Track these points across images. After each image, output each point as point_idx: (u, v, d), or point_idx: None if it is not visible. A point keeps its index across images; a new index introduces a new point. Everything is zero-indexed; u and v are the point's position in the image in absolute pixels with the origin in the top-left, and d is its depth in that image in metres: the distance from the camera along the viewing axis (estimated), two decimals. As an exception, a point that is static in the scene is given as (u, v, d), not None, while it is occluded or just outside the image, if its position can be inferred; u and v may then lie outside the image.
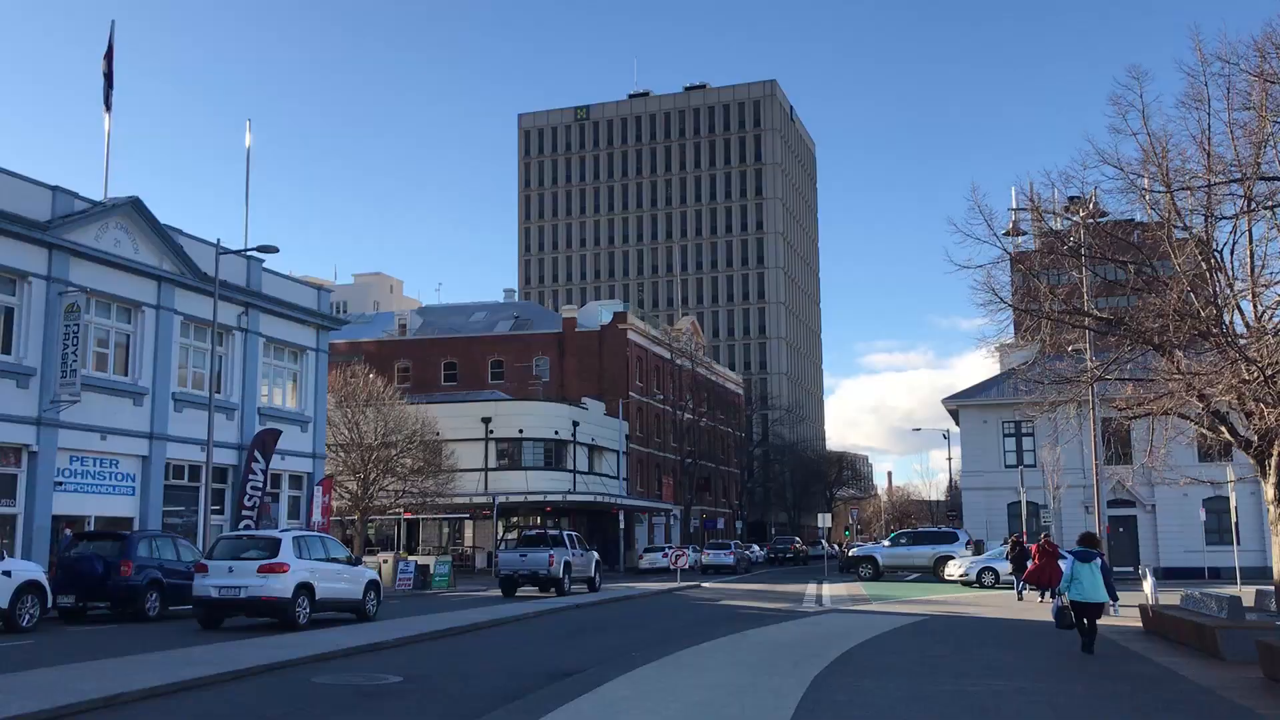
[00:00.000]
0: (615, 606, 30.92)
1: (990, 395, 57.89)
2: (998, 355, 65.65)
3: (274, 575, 21.69)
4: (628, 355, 75.83)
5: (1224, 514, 53.48)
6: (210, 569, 22.24)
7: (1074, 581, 17.23)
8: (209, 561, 22.65)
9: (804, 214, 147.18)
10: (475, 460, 61.24)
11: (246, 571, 21.80)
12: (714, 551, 63.43)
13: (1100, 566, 17.27)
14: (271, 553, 22.16)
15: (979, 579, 41.95)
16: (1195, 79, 18.44)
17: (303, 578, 22.18)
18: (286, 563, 21.99)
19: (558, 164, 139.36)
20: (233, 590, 21.70)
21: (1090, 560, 17.30)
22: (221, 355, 36.61)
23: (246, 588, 21.60)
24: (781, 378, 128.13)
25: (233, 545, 23.26)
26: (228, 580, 21.83)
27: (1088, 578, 17.07)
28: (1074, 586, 17.26)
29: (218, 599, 21.86)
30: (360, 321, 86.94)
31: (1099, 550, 18.02)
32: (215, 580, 21.91)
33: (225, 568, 22.13)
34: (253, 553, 22.41)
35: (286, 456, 38.97)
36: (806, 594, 37.02)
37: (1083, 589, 17.12)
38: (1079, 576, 17.10)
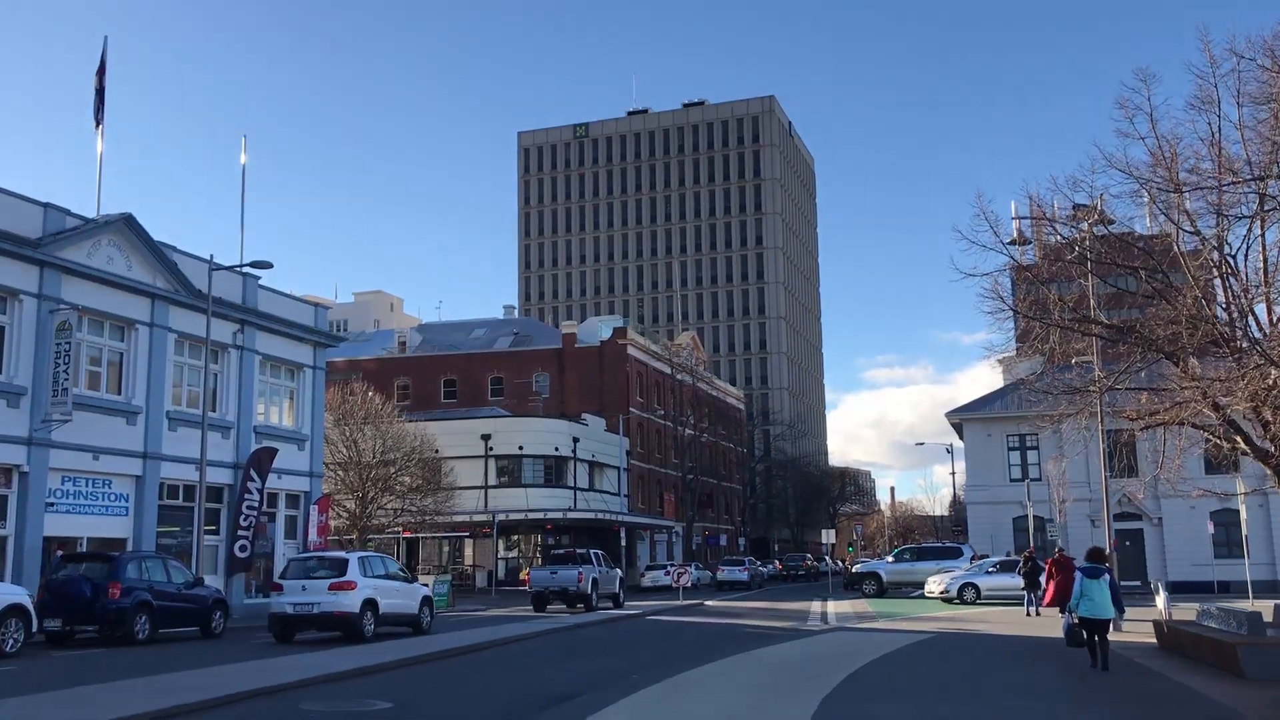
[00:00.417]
0: (616, 626, 30.36)
1: (994, 408, 57.36)
2: (1001, 368, 65.50)
3: (343, 592, 23.85)
4: (628, 371, 75.34)
5: (1232, 527, 52.87)
6: (285, 588, 24.48)
7: (1083, 598, 17.10)
8: (283, 581, 24.89)
9: (803, 229, 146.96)
10: (475, 478, 60.66)
11: (318, 590, 23.92)
12: (728, 568, 65.82)
13: (1108, 582, 17.16)
14: (340, 572, 24.33)
15: (960, 595, 40.74)
16: (1205, 81, 18.05)
17: (368, 594, 24.29)
18: (354, 580, 24.17)
19: (557, 181, 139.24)
20: (306, 606, 23.80)
21: (1099, 576, 17.21)
22: (217, 373, 36.08)
23: (319, 604, 23.74)
24: (783, 393, 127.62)
25: (304, 566, 25.50)
26: (301, 598, 23.96)
27: (1097, 594, 16.96)
28: (1083, 603, 17.10)
29: (292, 615, 23.91)
30: (360, 339, 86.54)
31: (1107, 565, 17.92)
32: (290, 598, 24.07)
33: (299, 586, 24.32)
34: (322, 572, 24.63)
35: (283, 475, 38.41)
36: (811, 612, 36.42)
37: (1093, 605, 16.99)
38: (1088, 593, 16.99)
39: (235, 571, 35.77)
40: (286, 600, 24.22)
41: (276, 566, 38.71)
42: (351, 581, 24.08)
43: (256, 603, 37.28)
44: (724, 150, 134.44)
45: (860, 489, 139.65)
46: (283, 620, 24.15)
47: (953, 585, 41.48)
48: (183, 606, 24.79)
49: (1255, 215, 17.16)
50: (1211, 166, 17.75)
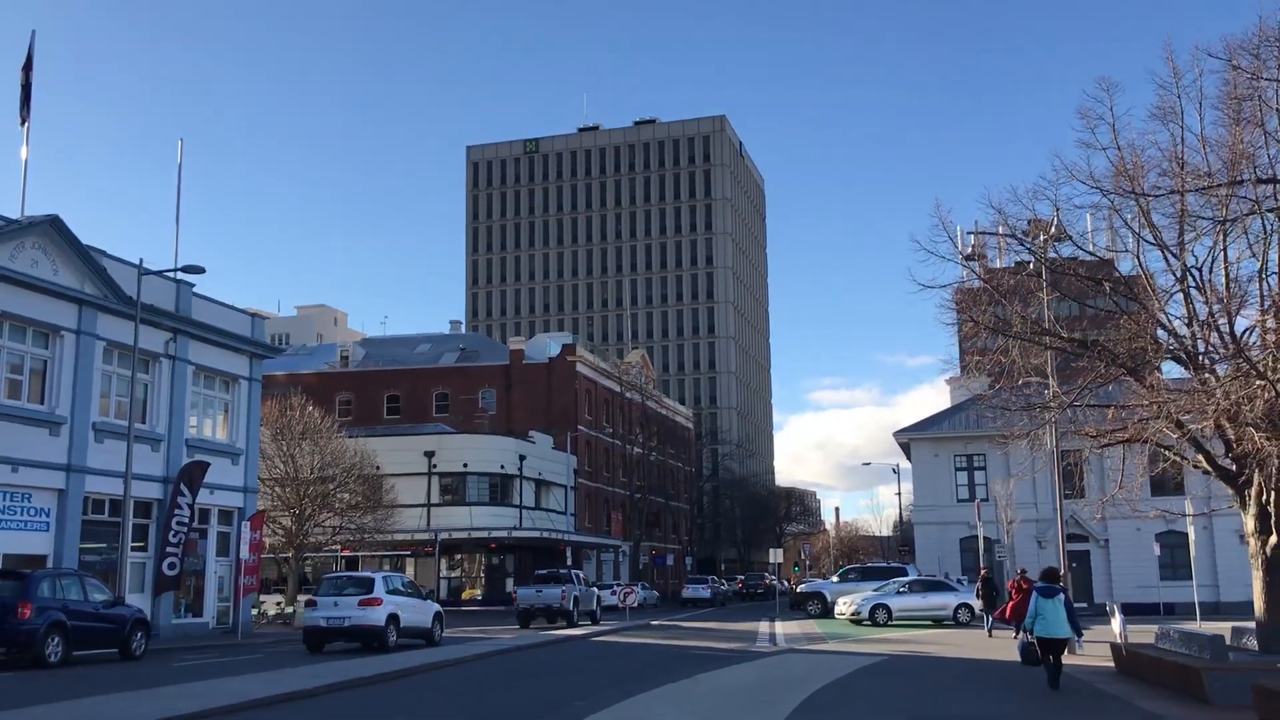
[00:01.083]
0: (560, 648, 29.37)
1: (942, 428, 57.20)
2: (949, 388, 65.58)
3: (371, 608, 26.55)
4: (576, 388, 74.40)
5: (1178, 549, 52.98)
6: (319, 604, 27.19)
7: (1038, 618, 17.12)
8: (317, 598, 27.64)
9: (753, 250, 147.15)
10: (418, 495, 59.29)
11: (349, 605, 26.58)
12: (693, 585, 70.54)
13: (1063, 601, 17.14)
14: (368, 589, 27.16)
15: (871, 616, 39.43)
16: (1167, 91, 17.69)
17: (391, 610, 27.00)
18: (380, 597, 26.87)
19: (507, 196, 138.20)
20: (338, 620, 26.48)
21: (1054, 595, 17.20)
22: (147, 383, 34.73)
23: (350, 618, 26.43)
24: (731, 412, 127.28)
25: (335, 584, 28.31)
26: (334, 612, 26.63)
27: (1051, 613, 17.03)
28: (1039, 623, 17.14)
29: (325, 627, 26.53)
30: (301, 353, 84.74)
31: (1061, 585, 18.03)
32: (323, 613, 26.77)
33: (331, 602, 26.95)
34: (351, 589, 27.35)
35: (216, 490, 37.03)
36: (760, 633, 35.65)
37: (1047, 624, 17.07)
38: (1043, 612, 17.08)
39: (163, 590, 34.32)
40: (320, 615, 26.73)
41: (208, 585, 37.42)
42: (378, 598, 26.79)
43: (186, 623, 35.87)
44: (675, 169, 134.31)
45: (806, 509, 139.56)
46: (317, 632, 26.67)
47: (864, 606, 40.23)
48: (100, 627, 23.43)
49: (1218, 228, 16.77)
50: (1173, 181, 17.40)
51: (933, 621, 39.71)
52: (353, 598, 26.80)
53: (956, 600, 40.70)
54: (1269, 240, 16.24)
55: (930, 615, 40.25)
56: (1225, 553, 52.50)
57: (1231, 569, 52.38)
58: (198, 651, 27.65)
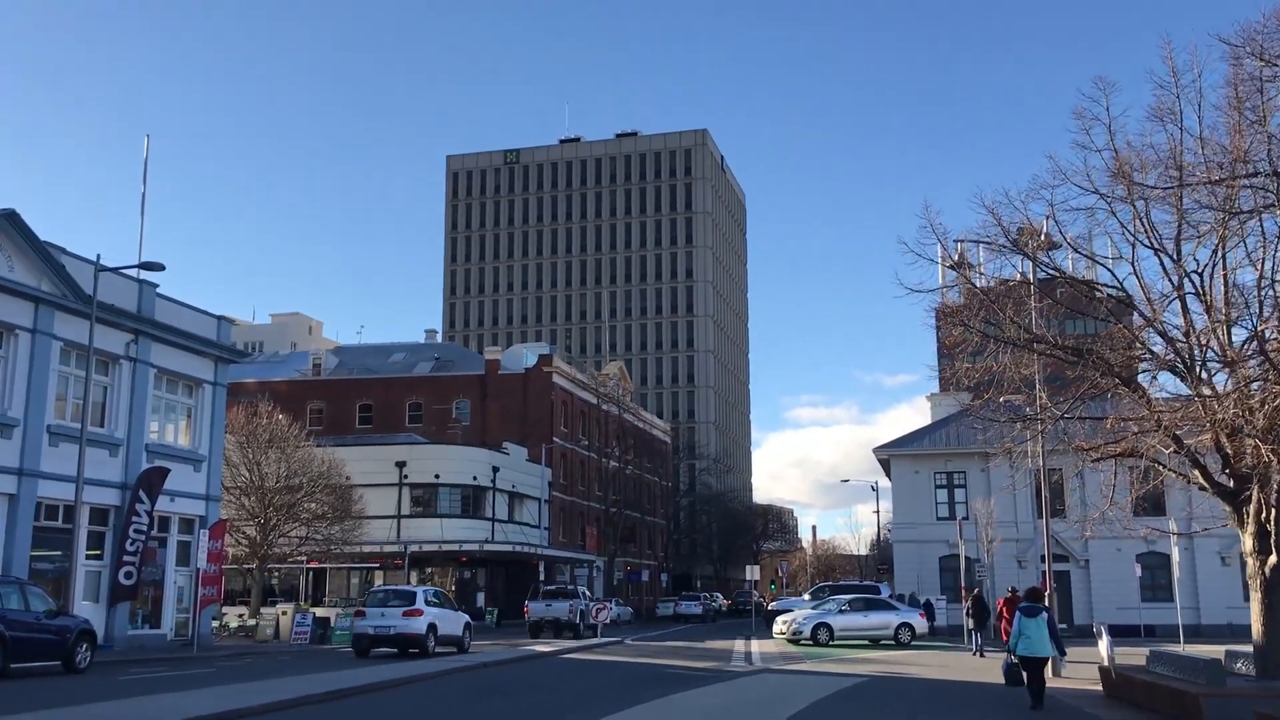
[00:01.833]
0: (529, 665, 28.33)
1: (923, 445, 56.48)
2: (929, 406, 64.90)
3: (414, 618, 29.56)
4: (552, 400, 73.37)
5: (1158, 570, 52.36)
6: (367, 614, 30.27)
7: (1021, 636, 17.06)
8: (365, 609, 30.76)
9: (734, 264, 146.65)
10: (388, 507, 58.07)
11: (394, 615, 29.60)
12: (686, 602, 73.74)
13: (1046, 621, 17.09)
14: (411, 601, 30.20)
15: (813, 636, 38.02)
16: (1166, 90, 16.99)
17: (431, 620, 30.08)
18: (422, 609, 29.93)
19: (486, 207, 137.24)
20: (384, 629, 29.57)
21: (1036, 615, 17.14)
22: (106, 386, 33.58)
23: (395, 627, 29.54)
24: (709, 427, 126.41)
25: (381, 596, 31.47)
26: (381, 622, 29.71)
27: (1034, 632, 16.99)
28: (1021, 642, 17.09)
29: (373, 634, 29.58)
30: (273, 360, 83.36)
31: (1044, 605, 17.88)
32: (371, 622, 29.85)
33: (379, 613, 29.98)
34: (395, 602, 30.31)
35: (177, 498, 35.83)
36: (735, 651, 34.69)
37: (1030, 643, 17.02)
38: (1026, 631, 17.03)
39: (120, 600, 33.12)
40: (368, 624, 29.84)
41: (166, 595, 36.17)
42: (420, 609, 29.84)
43: (144, 634, 34.64)
44: (656, 182, 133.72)
45: (784, 526, 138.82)
46: (365, 639, 29.72)
47: (805, 625, 38.85)
48: (41, 638, 22.23)
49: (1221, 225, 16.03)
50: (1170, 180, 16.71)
51: (869, 641, 38.49)
52: (397, 609, 29.82)
53: (898, 619, 39.62)
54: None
55: (871, 634, 39.07)
56: (1207, 575, 51.96)
57: (1213, 591, 51.84)
58: (147, 664, 26.47)
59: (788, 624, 39.33)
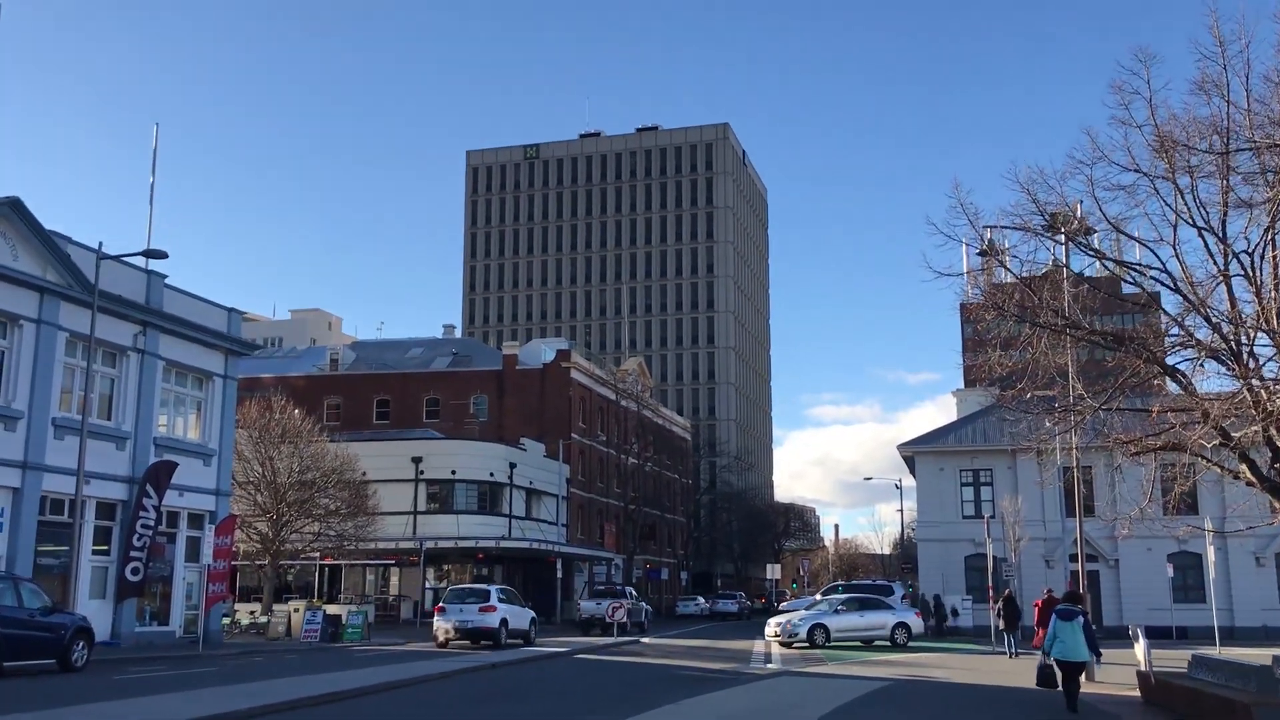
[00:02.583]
0: (541, 666, 27.51)
1: (948, 441, 55.32)
2: (954, 402, 63.71)
3: (488, 613, 33.76)
4: (570, 395, 72.53)
5: (1190, 570, 51.08)
6: (447, 610, 34.32)
7: (1056, 640, 16.87)
8: (445, 605, 34.81)
9: (755, 259, 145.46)
10: (404, 503, 57.38)
11: (471, 611, 33.77)
12: (722, 600, 76.50)
13: (1082, 624, 16.88)
14: (485, 599, 34.35)
15: (810, 638, 35.82)
16: (1211, 62, 15.95)
17: (504, 615, 34.27)
18: (495, 605, 34.06)
19: (506, 202, 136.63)
20: (464, 623, 33.68)
21: (1072, 618, 16.92)
22: (114, 378, 32.98)
23: (471, 621, 33.56)
24: (730, 424, 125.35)
25: (459, 594, 35.55)
26: (460, 616, 33.81)
27: (1069, 635, 16.77)
28: (1056, 645, 16.88)
29: (453, 627, 33.62)
30: (290, 355, 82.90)
31: (1082, 607, 17.64)
32: (451, 617, 33.93)
33: (458, 609, 34.06)
34: (472, 599, 34.47)
35: (186, 493, 35.21)
36: (754, 652, 33.75)
37: (1065, 647, 16.81)
38: (1061, 634, 16.83)
39: (126, 596, 32.53)
40: (448, 619, 33.98)
41: (175, 592, 35.54)
42: (494, 606, 34.02)
43: (151, 631, 34.03)
44: (676, 176, 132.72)
45: (805, 525, 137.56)
46: (445, 632, 33.90)
47: (800, 626, 36.50)
48: (36, 635, 21.51)
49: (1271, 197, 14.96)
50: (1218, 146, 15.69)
51: (862, 643, 36.67)
52: (474, 605, 33.85)
53: (894, 619, 37.83)
54: None
55: (866, 635, 37.27)
56: (1241, 575, 50.61)
57: (1247, 592, 50.48)
58: (148, 663, 25.75)
59: (781, 627, 36.75)
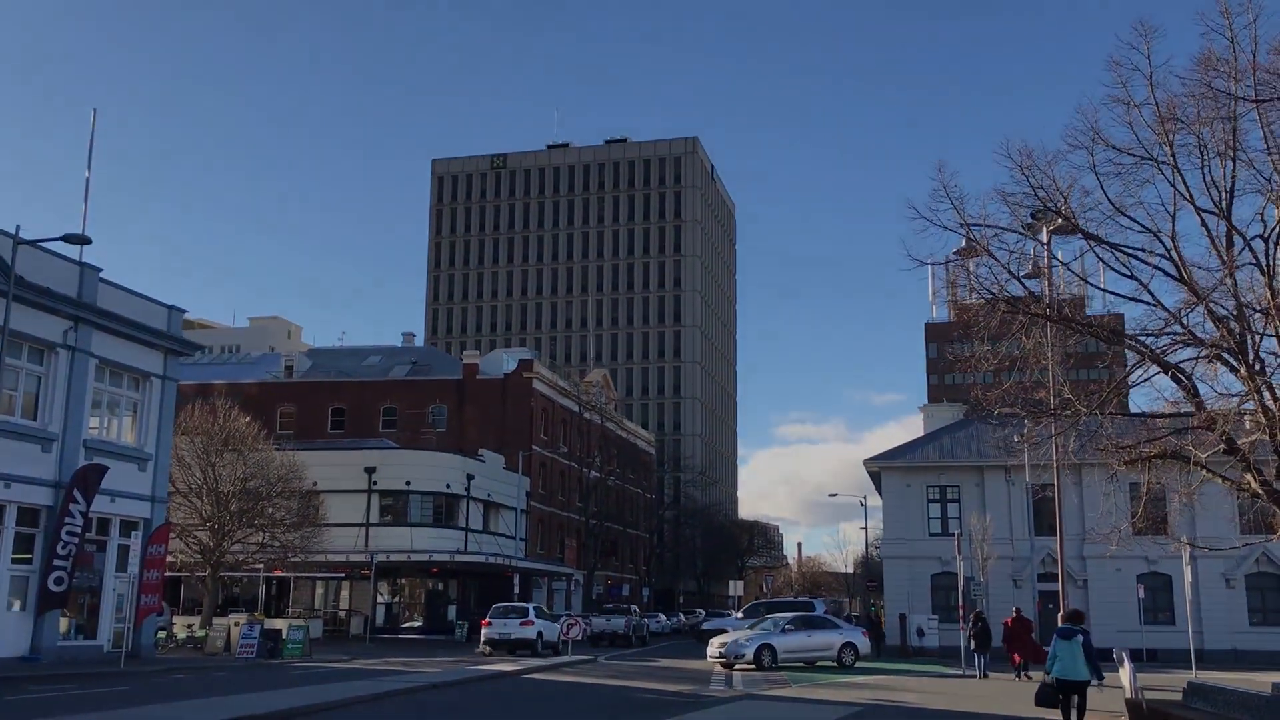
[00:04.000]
0: (484, 686, 25.79)
1: (915, 457, 54.10)
2: (921, 418, 62.62)
3: (527, 627, 39.88)
4: (532, 406, 70.80)
5: (1159, 591, 50.18)
6: (493, 623, 40.20)
7: (1056, 660, 16.74)
8: (492, 619, 40.51)
9: (722, 275, 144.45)
10: (356, 514, 55.42)
11: (513, 625, 39.89)
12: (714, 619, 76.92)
13: (1082, 643, 16.60)
14: (525, 615, 40.73)
15: (756, 659, 33.45)
16: (1218, 35, 14.72)
17: (539, 628, 40.36)
18: (533, 620, 40.32)
19: (471, 212, 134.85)
20: (506, 634, 39.60)
21: (1072, 637, 16.69)
22: (40, 376, 31.00)
23: (514, 633, 39.66)
24: (695, 439, 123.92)
25: (502, 610, 41.40)
26: (503, 629, 39.79)
27: (1068, 655, 16.63)
28: (1056, 664, 16.77)
29: (498, 639, 39.46)
30: (245, 362, 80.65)
31: (1082, 627, 17.16)
32: (496, 629, 39.88)
33: (502, 623, 40.02)
34: (513, 615, 40.74)
35: (118, 499, 33.23)
36: (715, 673, 32.16)
37: (1065, 666, 16.71)
38: (1060, 654, 16.70)
39: (49, 608, 30.46)
40: (494, 631, 39.84)
41: (104, 604, 33.54)
42: (532, 620, 40.26)
43: (77, 645, 31.99)
44: (644, 189, 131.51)
45: (769, 542, 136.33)
46: (491, 642, 39.44)
47: (746, 647, 33.85)
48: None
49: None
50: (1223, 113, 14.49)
51: (804, 664, 34.69)
52: (515, 620, 39.91)
53: (841, 639, 36.02)
54: None
55: (813, 656, 35.34)
56: (1210, 597, 49.58)
57: (1217, 615, 49.44)
58: (59, 681, 23.87)
59: (725, 647, 34.43)
